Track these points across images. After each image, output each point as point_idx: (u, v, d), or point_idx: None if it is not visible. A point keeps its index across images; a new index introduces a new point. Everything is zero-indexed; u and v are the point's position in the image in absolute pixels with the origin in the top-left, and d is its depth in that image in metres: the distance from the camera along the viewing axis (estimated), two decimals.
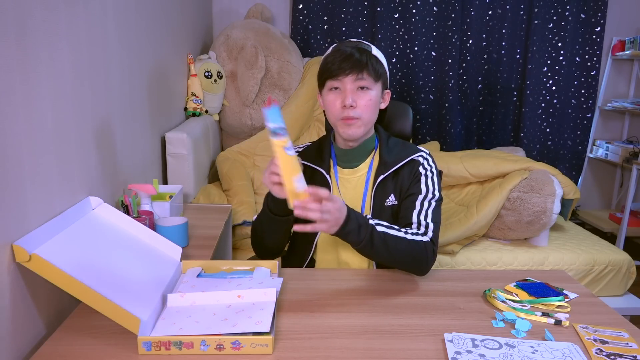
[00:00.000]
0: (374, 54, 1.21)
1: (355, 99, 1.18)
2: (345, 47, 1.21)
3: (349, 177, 1.30)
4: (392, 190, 1.27)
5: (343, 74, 1.18)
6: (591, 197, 3.62)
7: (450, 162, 2.50)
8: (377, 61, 1.21)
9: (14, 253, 0.90)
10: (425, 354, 0.89)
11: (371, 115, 1.22)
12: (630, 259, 2.32)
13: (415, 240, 1.16)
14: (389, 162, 1.26)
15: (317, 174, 1.29)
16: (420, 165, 1.27)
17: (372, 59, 1.19)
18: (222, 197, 2.32)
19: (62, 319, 1.01)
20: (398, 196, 1.27)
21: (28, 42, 0.96)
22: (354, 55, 1.17)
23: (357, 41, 1.24)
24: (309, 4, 3.11)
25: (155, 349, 0.86)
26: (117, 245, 1.14)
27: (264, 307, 0.96)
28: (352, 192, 1.29)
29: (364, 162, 1.29)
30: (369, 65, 1.17)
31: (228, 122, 2.84)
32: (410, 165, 1.27)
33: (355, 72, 1.17)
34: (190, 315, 0.94)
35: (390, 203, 1.27)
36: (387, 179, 1.26)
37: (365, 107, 1.19)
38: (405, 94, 3.25)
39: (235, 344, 0.86)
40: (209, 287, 1.05)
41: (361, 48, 1.20)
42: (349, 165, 1.30)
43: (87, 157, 1.26)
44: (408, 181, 1.26)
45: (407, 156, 1.27)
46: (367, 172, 1.29)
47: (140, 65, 1.74)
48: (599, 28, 3.19)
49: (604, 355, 0.90)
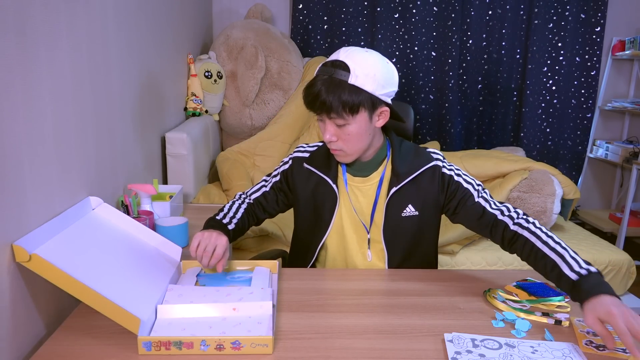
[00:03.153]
0: (352, 82, 1.09)
1: (335, 134, 1.14)
2: (317, 80, 1.11)
3: (360, 186, 1.25)
4: (411, 200, 1.22)
5: (316, 112, 1.13)
6: (591, 197, 3.62)
7: (450, 162, 2.50)
8: (353, 91, 1.09)
9: (14, 253, 0.90)
10: (425, 354, 0.89)
11: (355, 145, 1.16)
12: (630, 259, 2.32)
13: (544, 229, 1.10)
14: (401, 173, 1.21)
15: (323, 182, 1.26)
16: (442, 168, 1.23)
17: (342, 95, 1.08)
18: (222, 197, 2.32)
19: (62, 319, 1.01)
20: (420, 206, 1.23)
21: (28, 42, 0.96)
22: (319, 97, 1.09)
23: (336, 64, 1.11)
24: (309, 4, 3.11)
25: (155, 349, 0.86)
26: (117, 246, 1.14)
27: (261, 321, 0.95)
28: (363, 200, 1.25)
29: (375, 172, 1.25)
30: (335, 105, 1.09)
31: (228, 122, 2.84)
32: (430, 173, 1.22)
33: (325, 113, 1.12)
34: (185, 329, 0.92)
35: (409, 213, 1.22)
36: (402, 190, 1.21)
37: (346, 141, 1.15)
38: (405, 94, 3.25)
39: (235, 344, 0.86)
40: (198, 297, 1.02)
41: (333, 81, 1.09)
42: (361, 174, 1.25)
43: (87, 157, 1.26)
44: (435, 189, 1.22)
45: (420, 166, 1.22)
46: (379, 181, 1.24)
47: (141, 65, 1.74)
48: (599, 28, 3.19)
49: (593, 347, 0.91)
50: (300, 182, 1.29)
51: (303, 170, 1.29)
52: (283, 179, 1.32)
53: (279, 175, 1.33)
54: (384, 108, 1.16)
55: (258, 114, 2.81)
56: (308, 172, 1.28)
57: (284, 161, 1.34)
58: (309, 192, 1.28)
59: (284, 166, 1.33)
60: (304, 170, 1.29)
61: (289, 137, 2.80)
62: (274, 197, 1.34)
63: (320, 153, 1.30)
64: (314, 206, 1.28)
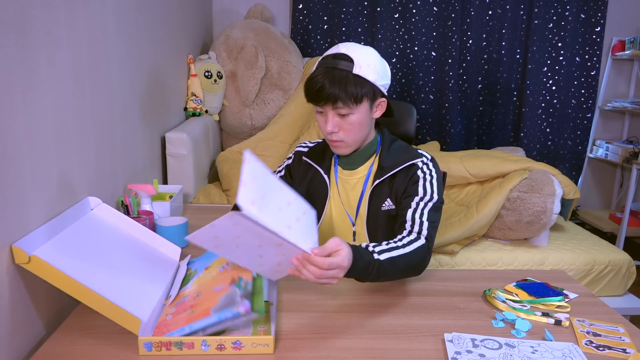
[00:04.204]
0: (356, 72, 1.13)
1: (337, 124, 1.17)
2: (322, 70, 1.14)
3: (348, 179, 1.30)
4: (388, 194, 1.26)
5: (320, 103, 1.15)
6: (591, 197, 3.62)
7: (450, 162, 2.50)
8: (357, 82, 1.13)
9: (13, 255, 0.90)
10: (425, 354, 0.89)
11: (356, 135, 1.20)
12: (630, 259, 2.32)
13: (413, 249, 1.09)
14: (385, 166, 1.25)
15: (317, 174, 1.31)
16: (419, 169, 1.24)
17: (348, 85, 1.12)
18: (222, 197, 2.32)
19: (61, 319, 1.01)
20: (394, 200, 1.25)
21: (28, 42, 0.96)
22: (325, 88, 1.12)
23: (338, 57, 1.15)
24: (309, 4, 3.11)
25: (156, 350, 0.86)
26: (116, 246, 1.14)
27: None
28: (350, 193, 1.29)
29: (363, 165, 1.29)
30: (341, 95, 1.12)
31: (228, 122, 2.84)
32: (407, 170, 1.25)
33: (330, 103, 1.14)
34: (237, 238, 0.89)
35: (387, 207, 1.25)
36: (383, 184, 1.25)
37: (348, 131, 1.18)
38: (405, 94, 3.25)
39: (236, 344, 0.86)
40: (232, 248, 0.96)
41: (339, 71, 1.13)
42: (350, 167, 1.30)
43: (87, 157, 1.26)
44: (404, 185, 1.24)
45: (404, 161, 1.25)
46: (365, 175, 1.29)
47: (141, 65, 1.74)
48: (599, 28, 3.19)
49: (593, 347, 0.91)
50: (299, 175, 1.34)
51: (302, 163, 1.34)
52: (287, 173, 1.37)
53: (284, 170, 1.38)
54: (382, 99, 1.22)
55: (258, 114, 2.81)
56: (306, 164, 1.33)
57: (288, 157, 1.39)
58: (306, 185, 1.33)
59: (287, 161, 1.38)
60: (302, 163, 1.34)
61: (289, 137, 2.80)
62: None
63: (318, 147, 1.36)
64: (309, 198, 1.30)
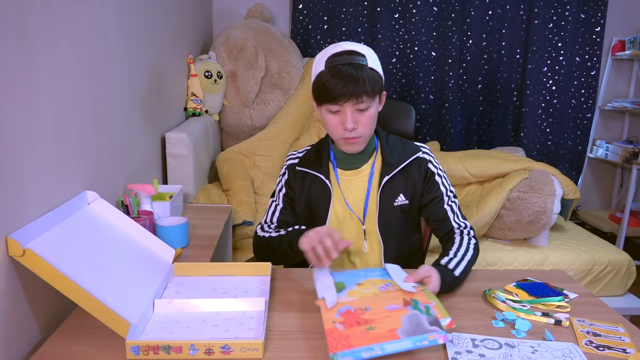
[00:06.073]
0: (370, 66, 1.14)
1: (356, 120, 1.16)
2: (340, 68, 1.12)
3: (352, 179, 1.29)
4: (402, 189, 1.27)
5: (342, 101, 1.13)
6: (591, 197, 3.62)
7: (450, 162, 2.50)
8: (373, 75, 1.14)
9: (8, 246, 0.89)
10: (426, 354, 0.89)
11: (371, 128, 1.21)
12: (630, 259, 2.32)
13: (473, 250, 1.21)
14: (392, 162, 1.26)
15: (316, 180, 1.29)
16: (428, 162, 1.29)
17: (368, 78, 1.12)
18: (222, 197, 2.32)
19: (61, 320, 1.01)
20: (410, 195, 1.28)
21: (28, 42, 0.96)
22: (350, 80, 1.11)
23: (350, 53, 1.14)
24: (309, 4, 3.11)
25: (143, 354, 0.85)
26: (110, 243, 1.12)
27: (254, 316, 0.97)
28: (355, 192, 1.28)
29: (366, 163, 1.29)
30: (366, 89, 1.12)
31: (228, 122, 2.84)
32: (417, 164, 1.28)
33: (354, 97, 1.12)
34: (180, 321, 0.95)
35: (400, 203, 1.26)
36: (393, 179, 1.26)
37: (366, 125, 1.18)
38: (405, 94, 3.25)
39: (224, 349, 0.85)
40: (194, 293, 1.07)
41: (357, 65, 1.12)
42: (351, 166, 1.29)
43: (87, 157, 1.26)
44: (420, 179, 1.27)
45: (409, 155, 1.27)
46: (369, 172, 1.28)
47: (141, 65, 1.74)
48: (599, 28, 3.19)
49: (593, 347, 0.91)
50: (298, 187, 1.32)
51: (297, 174, 1.32)
52: (288, 189, 1.33)
53: (284, 187, 1.34)
54: (384, 93, 1.24)
55: (258, 114, 2.81)
56: (302, 174, 1.31)
57: (281, 174, 1.36)
58: (306, 193, 1.31)
59: (283, 177, 1.35)
60: (298, 174, 1.32)
61: (289, 137, 2.80)
62: (290, 209, 1.33)
63: (309, 154, 1.34)
64: (311, 205, 1.30)
